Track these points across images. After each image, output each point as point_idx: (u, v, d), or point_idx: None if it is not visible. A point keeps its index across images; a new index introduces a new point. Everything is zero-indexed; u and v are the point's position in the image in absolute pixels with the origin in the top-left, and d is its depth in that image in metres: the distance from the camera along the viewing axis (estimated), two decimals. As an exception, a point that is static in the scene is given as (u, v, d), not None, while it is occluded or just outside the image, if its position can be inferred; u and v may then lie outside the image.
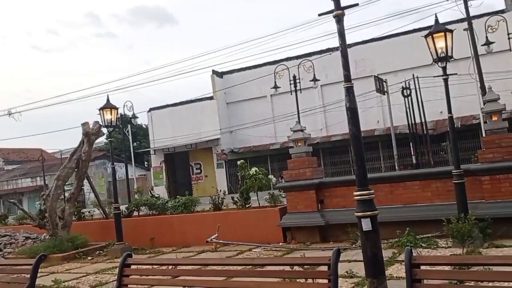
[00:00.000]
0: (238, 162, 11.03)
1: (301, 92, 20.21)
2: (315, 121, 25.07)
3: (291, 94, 19.87)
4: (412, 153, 21.45)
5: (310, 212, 9.50)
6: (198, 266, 4.27)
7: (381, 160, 24.58)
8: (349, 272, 6.43)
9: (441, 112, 21.73)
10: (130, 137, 30.32)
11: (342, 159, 24.73)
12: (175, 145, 28.53)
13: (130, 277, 4.07)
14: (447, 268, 3.07)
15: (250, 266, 3.90)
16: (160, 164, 30.11)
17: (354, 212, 4.44)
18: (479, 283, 2.84)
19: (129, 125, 28.97)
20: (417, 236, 8.06)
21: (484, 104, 8.60)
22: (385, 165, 24.19)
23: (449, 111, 7.93)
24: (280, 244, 9.44)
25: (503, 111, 8.33)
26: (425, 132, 20.41)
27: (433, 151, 20.99)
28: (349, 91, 4.36)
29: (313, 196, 9.52)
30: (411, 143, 21.36)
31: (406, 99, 20.69)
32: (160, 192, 26.27)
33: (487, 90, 8.66)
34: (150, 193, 24.88)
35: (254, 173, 10.28)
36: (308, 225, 9.38)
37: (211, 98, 28.76)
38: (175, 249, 10.49)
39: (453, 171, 7.84)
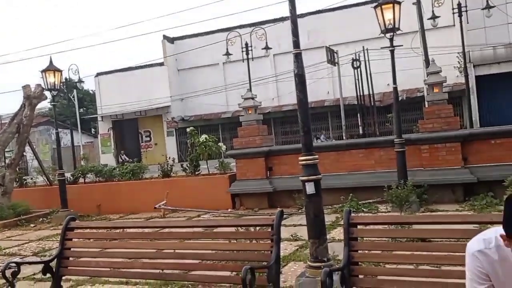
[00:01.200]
0: (188, 129, 10.93)
1: (253, 60, 20.10)
2: (267, 91, 25.15)
3: (243, 62, 19.73)
4: (360, 123, 22.14)
5: (259, 179, 9.65)
6: (144, 229, 4.27)
7: (330, 130, 25.19)
8: (294, 235, 6.67)
9: (388, 84, 22.35)
10: (76, 103, 29.19)
11: (293, 128, 25.09)
12: (124, 112, 27.78)
13: (73, 240, 4.01)
14: (381, 227, 3.25)
15: (196, 229, 3.95)
16: (108, 131, 29.31)
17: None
18: (408, 239, 3.03)
19: (74, 90, 27.80)
20: (360, 202, 8.44)
21: (427, 76, 8.97)
22: (333, 135, 24.82)
23: (394, 82, 8.20)
24: (229, 210, 9.58)
25: (446, 85, 8.74)
26: (372, 104, 21.04)
27: (379, 122, 21.74)
28: (298, 58, 4.38)
29: (262, 164, 9.66)
30: (358, 114, 21.99)
31: (355, 70, 21.17)
32: (108, 160, 25.69)
33: (430, 63, 9.00)
34: (120, 157, 24.23)
35: (204, 140, 10.25)
36: (257, 192, 9.55)
37: (161, 64, 28.05)
38: (122, 216, 10.39)
39: (395, 140, 8.19)
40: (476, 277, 2.00)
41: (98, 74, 29.35)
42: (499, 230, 1.93)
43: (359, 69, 21.12)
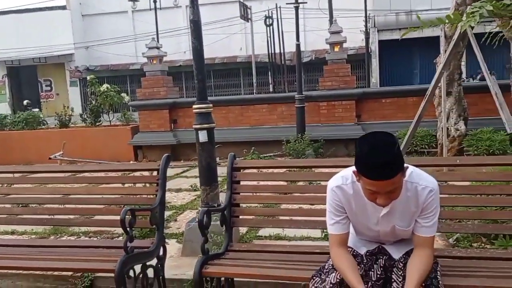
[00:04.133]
0: (88, 77, 10.34)
1: (161, 9, 19.23)
2: (179, 44, 24.41)
3: (150, 11, 18.83)
4: (271, 81, 22.52)
5: (163, 131, 9.53)
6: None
7: (242, 87, 25.33)
8: (193, 186, 6.76)
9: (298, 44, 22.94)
10: (-38, 45, 26.04)
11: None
12: (21, 57, 25.38)
13: None
14: (264, 170, 3.41)
15: (82, 174, 3.84)
16: (2, 78, 26.73)
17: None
18: (287, 181, 3.22)
19: (-39, 31, 24.75)
20: (261, 155, 8.72)
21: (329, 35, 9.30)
22: (245, 92, 24.99)
23: (297, 39, 8.41)
24: (131, 162, 9.39)
25: (352, 47, 9.14)
26: (283, 62, 21.43)
27: (289, 80, 22.26)
28: (193, 3, 4.28)
29: (166, 116, 9.52)
30: (270, 72, 22.32)
31: (268, 28, 21.26)
32: (3, 110, 23.59)
33: (332, 23, 9.32)
34: (24, 106, 22.08)
35: (106, 90, 9.80)
36: (160, 144, 9.44)
37: (63, 7, 25.82)
38: (14, 167, 9.71)
39: (295, 96, 8.49)
40: (334, 210, 2.20)
41: (-11, 14, 26.32)
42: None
43: (271, 27, 21.25)
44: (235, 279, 3.22)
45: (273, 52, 21.28)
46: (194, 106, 4.36)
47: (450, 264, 2.54)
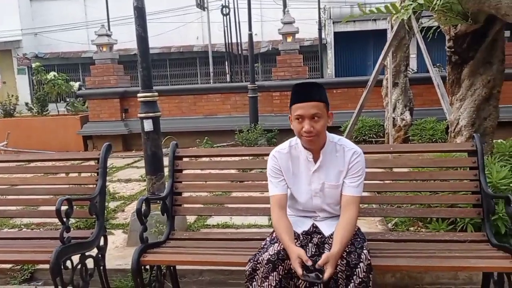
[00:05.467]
0: (33, 65, 9.94)
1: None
2: (133, 32, 23.74)
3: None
4: (227, 71, 22.42)
5: (114, 121, 9.33)
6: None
7: (198, 76, 25.08)
8: (143, 176, 6.62)
9: (255, 34, 22.87)
10: None
11: (160, 73, 24.37)
12: (-37, 43, 24.04)
13: None
14: (206, 159, 3.42)
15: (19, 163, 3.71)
16: None
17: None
18: (228, 169, 3.24)
19: None
20: (214, 145, 8.72)
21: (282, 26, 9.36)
22: (201, 82, 24.78)
23: (249, 28, 8.41)
24: (80, 152, 9.12)
25: (308, 39, 9.24)
26: (240, 52, 21.37)
27: (246, 70, 22.21)
28: (138, -11, 4.21)
29: (117, 105, 9.31)
30: (226, 62, 22.20)
31: (224, 17, 21.10)
32: None
33: (285, 13, 9.38)
34: None
35: (53, 78, 9.45)
36: (110, 134, 9.22)
37: (10, -9, 24.58)
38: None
39: (248, 86, 8.51)
40: (272, 173, 2.44)
41: None
42: (294, 139, 2.46)
43: (228, 16, 21.11)
44: (179, 267, 3.25)
45: (230, 41, 21.17)
46: (139, 95, 4.30)
47: (382, 247, 2.66)
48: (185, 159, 3.28)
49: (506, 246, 2.46)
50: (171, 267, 3.02)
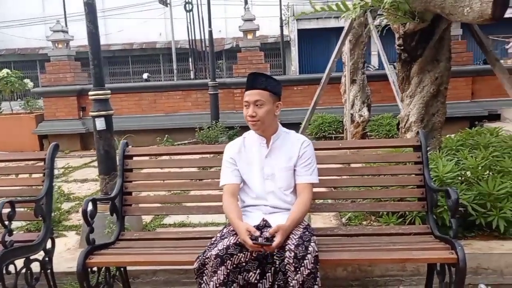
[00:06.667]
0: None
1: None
2: (94, 27, 23.19)
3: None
4: (191, 68, 22.21)
5: (71, 119, 9.09)
6: None
7: (162, 73, 24.76)
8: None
9: (219, 31, 22.77)
10: None
11: (122, 70, 23.93)
12: None
13: None
14: (158, 158, 3.38)
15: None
16: None
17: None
18: (177, 168, 3.21)
19: None
20: (175, 143, 8.63)
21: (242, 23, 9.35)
22: (165, 79, 24.47)
23: (209, 25, 8.35)
24: (28, 152, 8.83)
25: (272, 36, 9.25)
26: (204, 49, 21.20)
27: (215, 68, 22.08)
28: (88, -15, 4.09)
29: (74, 103, 9.07)
30: (190, 59, 22.00)
31: (188, 14, 20.88)
32: None
33: (245, 10, 9.37)
34: None
35: (6, 75, 9.10)
36: (68, 133, 8.99)
37: (-39, -16, 23.52)
38: None
39: (209, 83, 8.46)
40: (227, 163, 2.58)
41: None
42: (249, 131, 2.65)
43: (191, 12, 20.89)
44: (131, 268, 3.20)
45: (194, 38, 20.96)
46: (90, 93, 4.20)
47: (331, 241, 2.70)
48: (141, 158, 3.24)
49: (447, 237, 2.54)
50: (121, 268, 2.97)
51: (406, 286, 3.19)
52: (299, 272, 2.15)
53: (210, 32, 8.37)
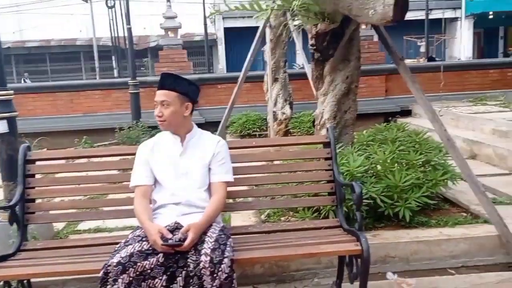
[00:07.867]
0: None
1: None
2: (5, 23, 21.64)
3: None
4: (115, 66, 21.41)
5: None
6: None
7: (83, 72, 23.65)
8: (9, 181, 6.08)
9: (144, 28, 22.19)
10: None
11: (39, 68, 22.56)
12: None
13: None
14: (62, 162, 3.20)
15: None
16: None
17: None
18: (93, 171, 3.07)
19: None
20: (95, 144, 8.27)
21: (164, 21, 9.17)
22: (87, 77, 23.40)
23: (128, 22, 8.10)
24: None
25: (198, 34, 9.13)
26: (127, 47, 20.51)
27: (136, 65, 21.42)
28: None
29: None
30: (113, 57, 21.21)
31: (110, 10, 20.09)
32: None
33: (167, 8, 9.20)
34: None
35: None
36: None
37: None
38: None
39: (129, 81, 8.20)
40: (139, 164, 2.58)
41: None
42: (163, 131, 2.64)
43: (113, 9, 20.13)
44: (37, 280, 3.00)
45: (117, 35, 20.21)
46: (-12, 93, 3.88)
47: (245, 240, 2.70)
48: (51, 162, 3.05)
49: (353, 230, 2.64)
50: (24, 281, 2.77)
51: (320, 279, 3.28)
52: (216, 277, 2.12)
53: (129, 29, 8.11)
